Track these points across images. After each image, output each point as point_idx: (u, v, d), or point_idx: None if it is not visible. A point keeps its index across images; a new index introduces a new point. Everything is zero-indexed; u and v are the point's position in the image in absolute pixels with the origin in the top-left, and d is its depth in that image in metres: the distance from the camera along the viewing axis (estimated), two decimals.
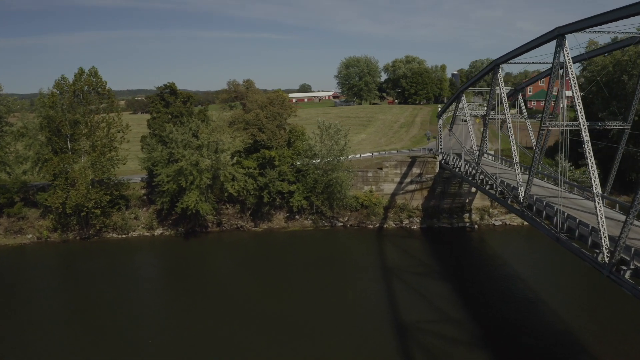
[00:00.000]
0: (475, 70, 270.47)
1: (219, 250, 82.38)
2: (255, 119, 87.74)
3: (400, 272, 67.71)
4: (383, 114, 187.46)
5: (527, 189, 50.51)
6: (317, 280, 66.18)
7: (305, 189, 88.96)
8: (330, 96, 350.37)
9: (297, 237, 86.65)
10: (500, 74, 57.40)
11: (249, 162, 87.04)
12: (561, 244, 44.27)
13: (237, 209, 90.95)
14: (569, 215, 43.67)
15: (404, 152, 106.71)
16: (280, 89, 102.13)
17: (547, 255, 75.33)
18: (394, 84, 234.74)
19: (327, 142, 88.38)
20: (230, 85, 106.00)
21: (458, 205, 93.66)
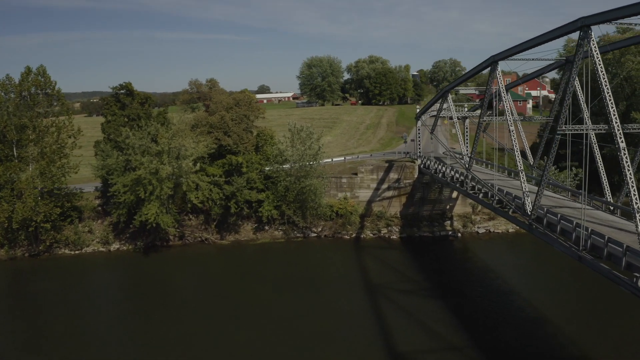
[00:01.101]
0: (439, 71, 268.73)
1: (182, 266, 74.97)
2: (220, 122, 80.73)
3: (383, 289, 62.00)
4: (348, 116, 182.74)
5: (536, 200, 45.19)
6: (291, 301, 59.78)
7: (276, 197, 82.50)
8: (289, 97, 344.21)
9: (267, 249, 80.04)
10: (498, 71, 51.96)
11: (214, 169, 79.98)
12: (584, 264, 39.06)
13: (201, 220, 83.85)
14: (594, 231, 38.34)
15: (377, 156, 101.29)
16: (246, 89, 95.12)
17: (536, 263, 72.15)
18: (357, 84, 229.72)
19: (298, 146, 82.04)
20: (192, 85, 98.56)
21: (438, 212, 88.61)
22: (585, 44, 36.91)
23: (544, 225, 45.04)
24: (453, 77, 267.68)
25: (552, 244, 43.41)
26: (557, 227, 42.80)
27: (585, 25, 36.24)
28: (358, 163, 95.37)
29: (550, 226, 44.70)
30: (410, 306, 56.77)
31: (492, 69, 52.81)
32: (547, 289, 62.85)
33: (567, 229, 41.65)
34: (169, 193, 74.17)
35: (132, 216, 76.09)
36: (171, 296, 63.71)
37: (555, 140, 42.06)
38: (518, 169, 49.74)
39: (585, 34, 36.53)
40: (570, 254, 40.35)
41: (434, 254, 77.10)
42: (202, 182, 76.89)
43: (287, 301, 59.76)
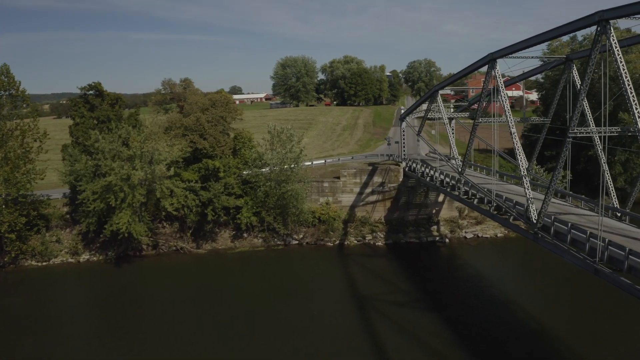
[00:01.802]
0: (414, 71, 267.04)
1: (156, 278, 70.63)
2: (195, 124, 76.54)
3: (371, 300, 58.75)
4: (323, 117, 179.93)
5: (543, 207, 42.32)
6: (273, 315, 56.26)
7: (255, 203, 78.77)
8: (262, 98, 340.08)
9: (246, 258, 76.23)
10: (497, 69, 49.02)
11: (189, 174, 75.86)
12: (601, 277, 36.28)
13: (175, 228, 79.67)
14: (612, 242, 35.54)
15: (359, 158, 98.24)
16: (223, 89, 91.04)
17: (529, 269, 70.28)
18: (332, 85, 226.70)
19: (279, 149, 78.38)
20: (165, 85, 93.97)
21: (424, 216, 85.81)
22: (604, 39, 34.12)
23: (552, 234, 42.23)
24: (428, 78, 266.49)
25: (562, 255, 40.56)
26: (568, 237, 39.92)
27: (604, 19, 33.51)
28: (340, 166, 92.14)
29: (558, 235, 41.92)
30: (402, 319, 53.79)
31: (490, 67, 49.87)
32: (543, 296, 60.33)
33: (580, 239, 38.85)
34: (142, 200, 69.85)
35: (102, 225, 71.68)
36: (145, 311, 59.45)
37: (567, 143, 39.10)
38: (521, 174, 46.72)
39: (603, 28, 33.76)
40: (585, 266, 37.56)
41: (422, 261, 74.12)
42: (177, 188, 72.70)
43: (269, 315, 56.26)
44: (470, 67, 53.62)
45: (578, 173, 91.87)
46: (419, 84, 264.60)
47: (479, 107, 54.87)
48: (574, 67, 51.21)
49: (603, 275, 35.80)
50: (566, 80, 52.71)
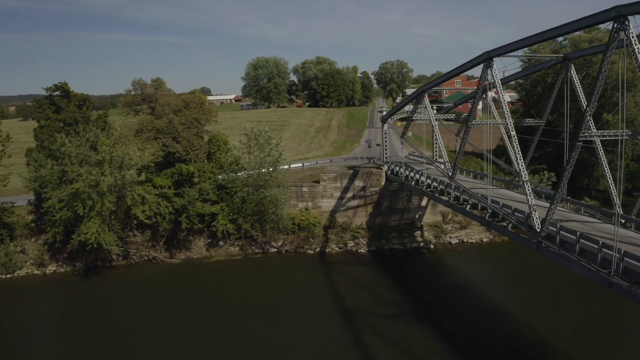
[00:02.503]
0: (386, 72, 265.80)
1: (127, 290, 66.33)
2: (168, 126, 72.88)
3: (357, 312, 56.19)
4: (296, 118, 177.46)
5: (549, 215, 40.11)
6: (252, 330, 53.21)
7: (231, 210, 75.40)
8: (231, 99, 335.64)
9: (223, 268, 72.76)
10: (494, 68, 46.73)
11: (162, 179, 72.16)
12: (616, 291, 34.17)
13: (147, 237, 75.86)
14: (627, 253, 33.40)
15: (338, 161, 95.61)
16: (196, 90, 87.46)
17: (519, 274, 68.65)
18: (304, 86, 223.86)
19: (256, 152, 75.19)
20: (135, 85, 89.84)
21: (407, 221, 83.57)
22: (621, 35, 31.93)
23: (557, 243, 40.01)
24: (400, 79, 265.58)
25: (570, 267, 38.43)
26: (576, 247, 37.68)
27: (622, 15, 31.34)
28: (318, 170, 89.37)
29: (563, 245, 39.72)
30: (391, 332, 51.49)
31: (486, 66, 47.61)
32: (535, 304, 58.65)
33: (590, 250, 36.63)
34: (112, 209, 65.96)
35: (70, 234, 67.66)
36: (116, 327, 55.77)
37: (577, 147, 36.89)
38: (523, 179, 44.48)
39: (621, 24, 31.55)
40: (598, 279, 35.45)
41: (407, 269, 71.69)
42: (148, 194, 68.94)
43: (249, 330, 53.37)
44: (465, 66, 51.36)
45: (560, 174, 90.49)
46: (391, 85, 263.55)
47: (472, 109, 52.62)
48: (572, 66, 49.17)
49: (619, 289, 33.69)
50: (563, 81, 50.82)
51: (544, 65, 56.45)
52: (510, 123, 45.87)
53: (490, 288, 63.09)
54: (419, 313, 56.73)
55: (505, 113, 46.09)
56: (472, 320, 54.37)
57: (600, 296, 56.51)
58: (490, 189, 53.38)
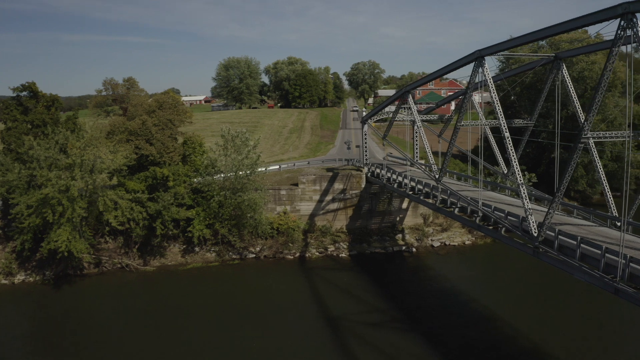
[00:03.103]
0: (358, 73, 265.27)
1: (99, 300, 63.48)
2: (141, 128, 70.25)
3: (340, 321, 54.54)
4: (269, 119, 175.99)
5: (547, 219, 38.96)
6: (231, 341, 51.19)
7: (208, 214, 73.11)
8: (201, 100, 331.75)
9: (199, 275, 70.33)
10: (485, 67, 45.53)
11: (135, 183, 69.52)
12: (622, 298, 33.12)
13: (120, 243, 73.14)
14: (633, 258, 32.40)
15: (315, 163, 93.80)
16: (170, 90, 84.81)
17: (506, 278, 67.79)
18: (275, 86, 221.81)
19: (233, 155, 73.04)
20: (106, 85, 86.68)
21: (388, 224, 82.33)
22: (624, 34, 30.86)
23: (555, 248, 38.88)
24: (372, 79, 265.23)
25: (571, 273, 37.27)
26: (577, 252, 36.55)
27: (629, 12, 30.24)
28: (296, 172, 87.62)
29: (562, 250, 38.61)
30: (379, 341, 49.94)
31: (477, 65, 46.40)
32: (525, 307, 57.87)
33: (592, 255, 35.54)
34: (83, 215, 63.15)
35: (39, 241, 64.74)
36: (88, 339, 53.05)
37: (578, 148, 35.79)
38: (518, 182, 43.33)
39: (628, 22, 30.47)
40: (602, 285, 34.34)
41: (391, 273, 70.28)
42: (121, 199, 66.26)
43: (227, 341, 51.38)
44: (455, 64, 50.06)
45: (539, 175, 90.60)
46: (363, 86, 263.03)
47: (462, 109, 51.43)
48: (563, 66, 48.27)
49: (625, 295, 32.62)
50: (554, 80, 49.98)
51: (534, 64, 55.50)
52: (504, 124, 44.73)
53: (477, 292, 62.10)
54: (406, 320, 55.39)
55: (499, 113, 44.91)
56: (462, 327, 53.24)
57: (589, 297, 57.19)
58: (481, 191, 52.24)
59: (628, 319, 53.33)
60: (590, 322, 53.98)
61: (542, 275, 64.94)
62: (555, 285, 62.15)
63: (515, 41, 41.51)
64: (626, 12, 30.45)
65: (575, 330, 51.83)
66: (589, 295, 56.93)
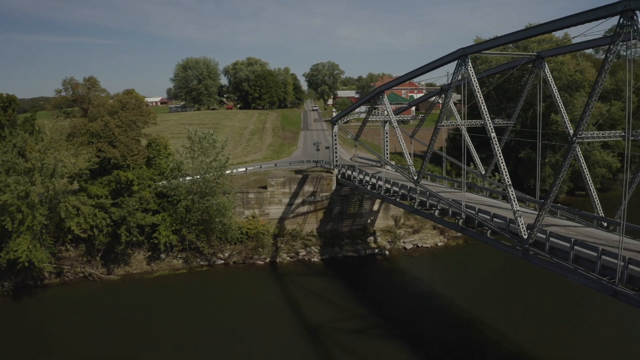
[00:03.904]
0: (318, 74, 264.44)
1: (61, 313, 60.08)
2: (104, 130, 67.42)
3: (318, 330, 52.91)
4: (229, 121, 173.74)
5: (537, 221, 38.32)
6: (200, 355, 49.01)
7: (174, 219, 70.73)
8: (157, 102, 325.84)
9: (166, 284, 67.74)
10: (469, 66, 44.73)
11: (98, 188, 66.60)
12: (622, 300, 32.62)
13: (82, 251, 70.04)
14: (632, 260, 31.94)
15: (283, 165, 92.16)
16: (134, 89, 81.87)
17: (483, 278, 67.72)
18: (235, 87, 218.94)
19: (201, 157, 70.83)
20: (66, 85, 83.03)
21: (359, 227, 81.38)
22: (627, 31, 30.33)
23: (547, 250, 38.27)
24: (331, 80, 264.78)
25: (565, 275, 36.73)
26: (571, 254, 35.95)
27: (630, 9, 29.74)
28: (263, 174, 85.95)
29: (554, 252, 38.01)
30: (360, 349, 48.80)
31: (460, 63, 45.61)
32: (505, 309, 57.49)
33: (587, 257, 35.00)
34: (44, 222, 60.03)
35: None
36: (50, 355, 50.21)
37: (572, 148, 35.22)
38: (506, 183, 42.59)
39: (629, 19, 29.93)
40: (599, 287, 33.77)
41: (365, 278, 69.22)
42: (84, 205, 63.34)
43: (197, 354, 49.11)
44: (438, 62, 49.13)
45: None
46: (323, 87, 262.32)
47: (442, 108, 50.63)
48: (545, 65, 47.90)
49: (624, 298, 32.11)
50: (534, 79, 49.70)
51: (516, 62, 55.09)
52: (490, 123, 44.02)
53: (454, 295, 61.68)
54: (386, 326, 54.36)
55: (484, 113, 44.17)
56: (443, 331, 52.70)
57: (565, 295, 58.23)
58: (464, 193, 51.52)
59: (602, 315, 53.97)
60: (569, 319, 54.19)
61: (517, 276, 65.45)
62: (530, 284, 62.68)
63: (500, 40, 40.83)
64: (626, 9, 29.93)
65: (555, 330, 51.72)
66: (565, 293, 58.13)
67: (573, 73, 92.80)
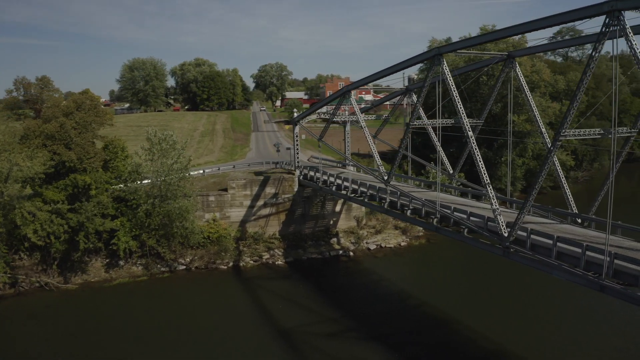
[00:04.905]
0: (265, 75, 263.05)
1: (16, 326, 57.02)
2: (60, 131, 64.76)
3: (288, 336, 51.99)
4: (178, 122, 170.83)
5: (519, 219, 38.64)
6: None
7: (133, 225, 68.60)
8: None
9: (127, 292, 65.45)
10: (444, 65, 44.85)
11: (54, 193, 63.94)
12: (609, 294, 33.24)
13: (36, 260, 67.07)
14: (618, 255, 32.49)
15: (241, 167, 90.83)
16: (89, 89, 79.01)
17: (450, 276, 69.12)
18: (182, 89, 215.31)
19: (163, 160, 68.93)
20: (17, 85, 79.31)
21: (322, 228, 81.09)
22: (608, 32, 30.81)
23: (528, 248, 38.63)
24: (280, 82, 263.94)
25: (549, 272, 37.19)
26: (553, 251, 36.37)
27: (616, 9, 30.21)
28: (222, 176, 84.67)
29: (535, 249, 38.41)
30: (334, 353, 48.21)
31: (435, 63, 45.73)
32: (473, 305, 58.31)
33: (571, 253, 35.48)
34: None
35: None
36: None
37: (555, 146, 35.60)
38: (483, 182, 42.90)
39: (615, 20, 30.41)
40: (585, 283, 34.28)
41: (332, 280, 69.15)
42: (40, 211, 60.65)
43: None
44: (413, 60, 49.14)
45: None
46: (271, 88, 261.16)
47: (415, 108, 50.65)
48: (516, 64, 48.56)
49: (611, 292, 32.67)
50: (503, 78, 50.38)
51: (487, 62, 55.70)
52: (467, 123, 44.24)
53: (423, 294, 62.13)
54: (359, 328, 54.03)
55: (461, 112, 44.36)
56: (417, 331, 53.27)
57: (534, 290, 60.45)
58: (439, 193, 51.67)
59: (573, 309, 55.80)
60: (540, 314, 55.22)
61: (480, 273, 66.82)
62: (494, 281, 64.21)
63: (477, 39, 41.11)
64: (613, 9, 30.36)
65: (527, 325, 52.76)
66: (529, 288, 60.50)
67: (529, 73, 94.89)
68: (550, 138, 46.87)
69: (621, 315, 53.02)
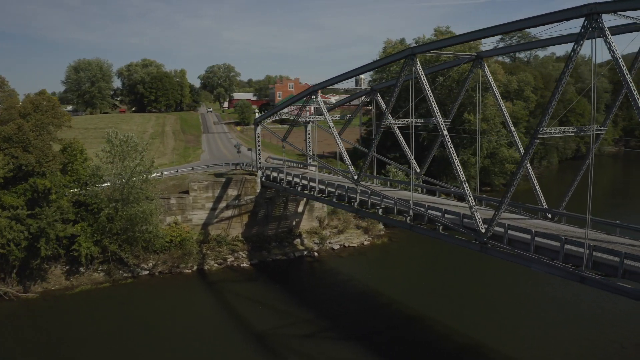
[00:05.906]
0: (213, 76, 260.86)
1: None
2: (17, 134, 62.71)
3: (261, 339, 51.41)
4: (126, 124, 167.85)
5: (496, 215, 39.80)
6: None
7: (95, 230, 67.03)
8: None
9: (89, 300, 63.41)
10: (417, 65, 45.67)
11: (12, 198, 61.89)
12: (590, 285, 34.75)
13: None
14: (598, 247, 33.95)
15: (200, 168, 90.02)
16: (45, 89, 76.72)
17: (416, 273, 70.66)
18: (129, 90, 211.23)
19: (125, 162, 67.64)
20: None
21: (285, 229, 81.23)
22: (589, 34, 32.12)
23: (505, 242, 39.81)
24: (227, 83, 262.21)
25: (528, 265, 38.39)
26: (532, 245, 37.61)
27: (595, 12, 31.57)
28: (181, 179, 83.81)
29: (512, 244, 39.61)
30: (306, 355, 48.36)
31: (408, 63, 46.52)
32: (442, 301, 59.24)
33: (549, 247, 36.84)
34: None
35: None
36: None
37: (532, 144, 36.87)
38: (460, 180, 43.95)
39: (594, 22, 31.75)
40: (565, 275, 35.64)
41: (299, 280, 69.44)
42: (1, 218, 58.57)
43: None
44: (386, 59, 50.02)
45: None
46: (219, 89, 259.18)
47: (386, 109, 51.35)
48: (484, 65, 49.88)
49: (592, 282, 34.06)
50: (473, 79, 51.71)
51: (457, 62, 56.92)
52: (442, 122, 45.19)
53: (391, 292, 62.91)
54: (330, 328, 54.02)
55: (436, 112, 45.27)
56: (388, 329, 53.98)
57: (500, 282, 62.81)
58: (412, 191, 52.53)
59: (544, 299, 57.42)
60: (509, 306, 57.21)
61: (444, 269, 68.30)
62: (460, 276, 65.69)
63: (452, 40, 42.07)
64: (592, 12, 31.64)
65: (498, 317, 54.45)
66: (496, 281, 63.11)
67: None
68: (518, 136, 48.57)
69: (595, 308, 55.48)
